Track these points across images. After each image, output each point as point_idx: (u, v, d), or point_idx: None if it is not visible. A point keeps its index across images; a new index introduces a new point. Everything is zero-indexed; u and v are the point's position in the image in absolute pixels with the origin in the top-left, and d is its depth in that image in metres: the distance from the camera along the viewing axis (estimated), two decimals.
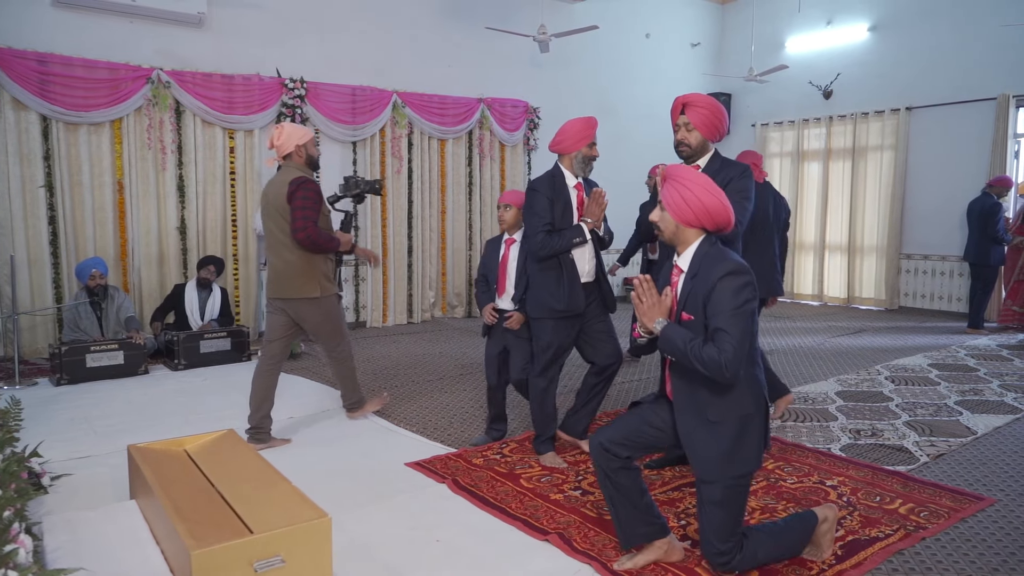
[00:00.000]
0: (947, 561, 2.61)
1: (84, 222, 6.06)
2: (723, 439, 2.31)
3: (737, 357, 2.18)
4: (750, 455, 2.33)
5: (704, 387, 2.32)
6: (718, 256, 2.30)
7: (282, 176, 3.84)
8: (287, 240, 3.77)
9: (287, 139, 3.82)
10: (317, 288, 3.85)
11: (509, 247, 3.78)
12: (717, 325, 2.22)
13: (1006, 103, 7.81)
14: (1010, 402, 4.68)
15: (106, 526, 2.74)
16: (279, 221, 3.79)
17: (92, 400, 4.79)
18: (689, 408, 2.37)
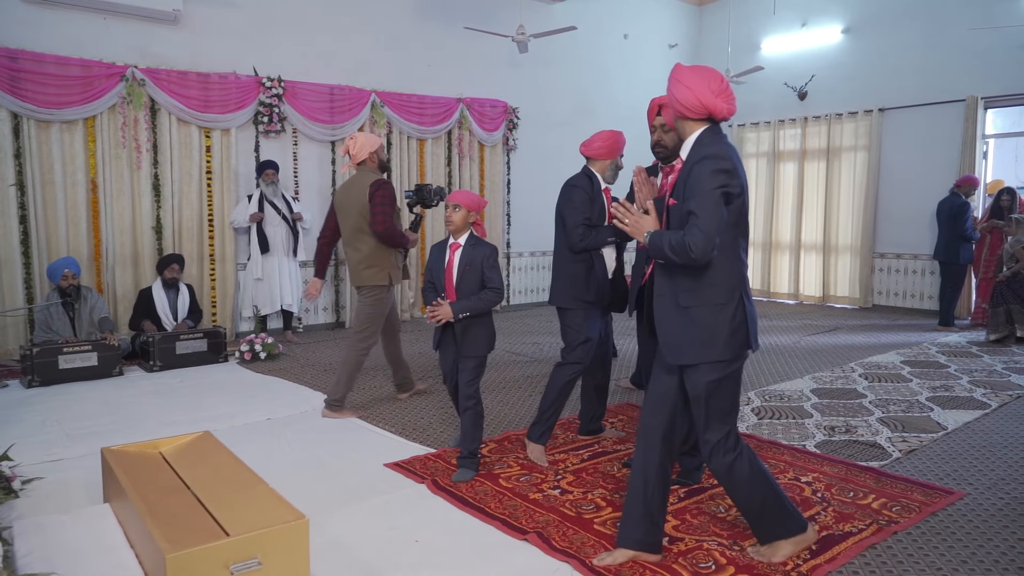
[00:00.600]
0: (918, 555, 2.66)
1: (56, 221, 5.96)
2: (694, 324, 2.40)
3: (705, 237, 2.25)
4: (727, 342, 2.39)
5: (680, 275, 2.42)
6: (705, 142, 2.38)
7: (360, 179, 4.34)
8: (363, 235, 4.30)
9: (361, 148, 4.34)
10: (386, 277, 4.39)
11: (454, 252, 3.44)
12: (689, 208, 2.30)
13: (974, 104, 7.97)
14: (979, 398, 4.78)
15: (79, 530, 2.71)
16: (358, 219, 4.29)
17: (65, 402, 4.72)
18: (666, 294, 2.49)
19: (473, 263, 3.41)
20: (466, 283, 3.42)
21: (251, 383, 5.30)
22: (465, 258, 3.43)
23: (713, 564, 2.57)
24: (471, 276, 3.42)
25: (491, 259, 3.44)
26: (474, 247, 3.45)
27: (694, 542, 2.74)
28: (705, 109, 2.40)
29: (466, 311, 3.36)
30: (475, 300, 3.38)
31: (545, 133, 9.09)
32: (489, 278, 3.42)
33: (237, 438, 3.88)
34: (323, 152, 7.41)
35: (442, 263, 3.48)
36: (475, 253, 3.43)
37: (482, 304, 3.40)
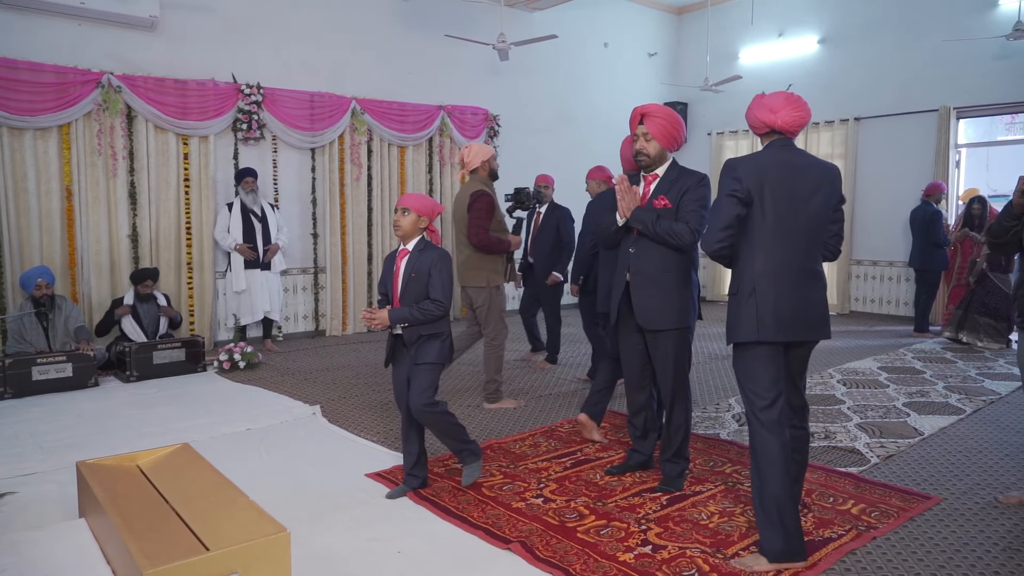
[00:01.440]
0: (896, 560, 2.69)
1: (30, 230, 5.86)
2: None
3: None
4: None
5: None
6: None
7: (467, 188, 4.71)
8: (466, 240, 4.64)
9: (475, 156, 4.67)
10: (484, 279, 4.69)
11: (401, 259, 3.28)
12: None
13: (947, 114, 8.12)
14: (954, 403, 4.86)
15: (54, 546, 2.65)
16: (461, 225, 4.70)
17: (39, 414, 4.63)
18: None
19: (420, 270, 3.22)
20: (410, 292, 3.22)
21: (230, 393, 5.24)
22: (411, 265, 3.25)
23: (696, 571, 2.58)
24: (416, 284, 3.22)
25: (439, 266, 3.21)
26: (422, 253, 3.26)
27: (677, 550, 2.75)
28: (765, 125, 2.70)
29: (403, 321, 3.18)
30: (414, 310, 3.17)
31: (526, 140, 9.12)
32: (432, 287, 3.20)
33: (216, 449, 3.84)
34: (303, 159, 7.36)
35: (391, 270, 3.33)
36: (422, 260, 3.24)
37: (420, 315, 3.16)
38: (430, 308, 3.18)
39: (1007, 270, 6.93)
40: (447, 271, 3.25)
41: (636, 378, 3.47)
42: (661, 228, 3.14)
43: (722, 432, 4.25)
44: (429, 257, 3.23)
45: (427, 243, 3.31)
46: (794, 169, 2.62)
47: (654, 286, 3.23)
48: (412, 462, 3.34)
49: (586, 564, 2.63)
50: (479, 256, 4.66)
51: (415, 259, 3.25)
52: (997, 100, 7.87)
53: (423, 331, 3.23)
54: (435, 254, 3.24)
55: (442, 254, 3.26)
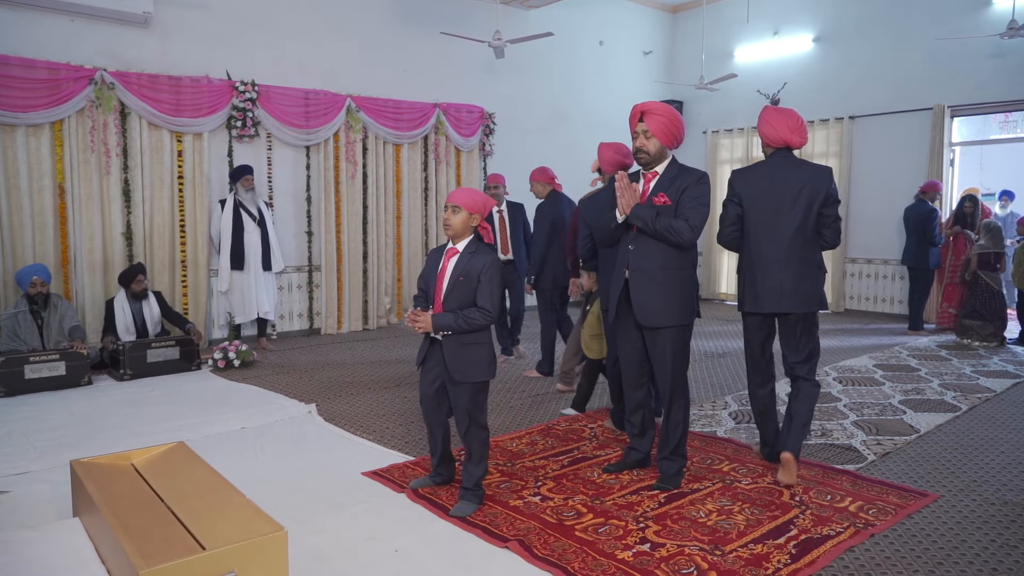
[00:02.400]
0: (895, 557, 2.69)
1: (22, 227, 5.81)
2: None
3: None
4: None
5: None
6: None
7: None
8: None
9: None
10: None
11: (449, 259, 3.08)
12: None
13: (941, 113, 8.15)
14: (950, 400, 4.87)
15: (48, 546, 2.62)
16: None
17: (31, 413, 4.59)
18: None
19: (469, 274, 2.99)
20: (456, 296, 3.01)
21: (225, 391, 5.21)
22: (460, 267, 3.02)
23: (695, 569, 2.58)
24: (463, 289, 3.00)
25: (489, 272, 2.99)
26: (473, 255, 3.02)
27: (675, 547, 2.74)
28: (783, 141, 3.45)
29: (448, 329, 2.98)
30: (459, 318, 2.96)
31: (521, 139, 9.10)
32: (481, 295, 2.98)
33: (211, 448, 3.81)
34: (298, 157, 7.33)
35: (436, 269, 3.10)
36: (472, 263, 3.01)
37: (466, 324, 2.96)
38: (476, 317, 2.96)
39: (996, 268, 6.95)
40: (497, 278, 3.02)
41: (634, 375, 3.47)
42: (661, 225, 3.14)
43: (719, 430, 4.25)
44: (480, 261, 3.00)
45: (479, 244, 3.08)
46: (779, 179, 3.38)
47: (653, 283, 3.24)
48: (438, 459, 3.31)
49: (584, 562, 2.62)
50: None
51: (465, 261, 3.02)
52: (991, 99, 7.90)
53: (465, 339, 3.01)
54: (487, 259, 3.01)
55: (493, 260, 3.04)
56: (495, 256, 3.07)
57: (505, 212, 6.17)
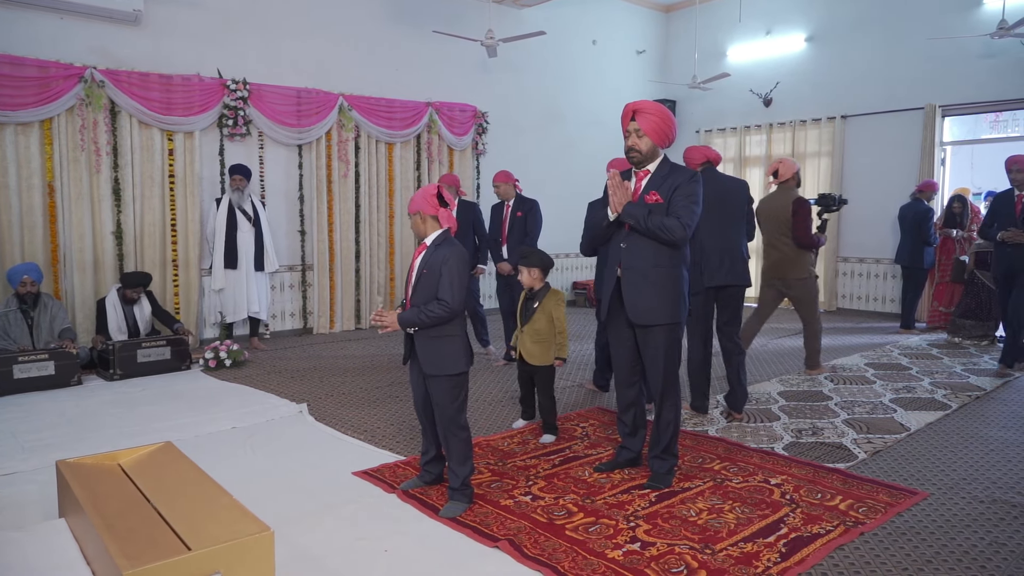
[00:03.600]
0: (884, 555, 2.69)
1: (11, 226, 5.77)
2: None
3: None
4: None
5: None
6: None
7: (782, 196, 5.39)
8: (786, 239, 5.36)
9: (787, 170, 5.37)
10: (805, 272, 5.40)
11: (417, 256, 3.14)
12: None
13: (933, 113, 8.17)
14: (940, 399, 4.88)
15: (33, 547, 2.60)
16: (780, 226, 5.37)
17: (19, 413, 4.56)
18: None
19: (432, 267, 3.00)
20: (421, 290, 3.01)
21: (216, 391, 5.18)
22: (425, 261, 3.05)
23: (685, 568, 2.57)
24: (427, 282, 2.99)
25: (449, 263, 2.97)
26: (438, 248, 3.04)
27: (666, 546, 2.74)
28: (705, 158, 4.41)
29: (412, 325, 2.99)
30: (421, 313, 2.96)
31: (514, 138, 9.09)
32: (441, 287, 2.96)
33: (201, 448, 3.80)
34: (290, 155, 7.30)
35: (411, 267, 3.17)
36: (435, 256, 3.02)
37: (427, 318, 2.95)
38: (435, 310, 2.95)
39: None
40: (457, 269, 2.99)
41: (626, 374, 3.46)
42: (652, 223, 3.14)
43: (710, 429, 4.25)
44: (443, 253, 3.00)
45: (446, 237, 3.08)
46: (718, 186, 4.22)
47: (645, 281, 3.24)
48: (428, 458, 3.31)
49: (574, 561, 2.62)
50: (796, 251, 5.35)
51: (430, 255, 3.05)
52: (982, 98, 7.93)
53: (433, 332, 3.02)
54: (448, 251, 3.00)
55: (456, 252, 3.01)
56: (459, 248, 3.06)
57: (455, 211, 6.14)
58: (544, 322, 4.05)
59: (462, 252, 3.06)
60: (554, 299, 4.09)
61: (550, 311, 4.06)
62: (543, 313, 4.06)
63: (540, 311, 4.06)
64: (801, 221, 5.27)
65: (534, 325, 4.06)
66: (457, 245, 3.08)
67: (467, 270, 3.09)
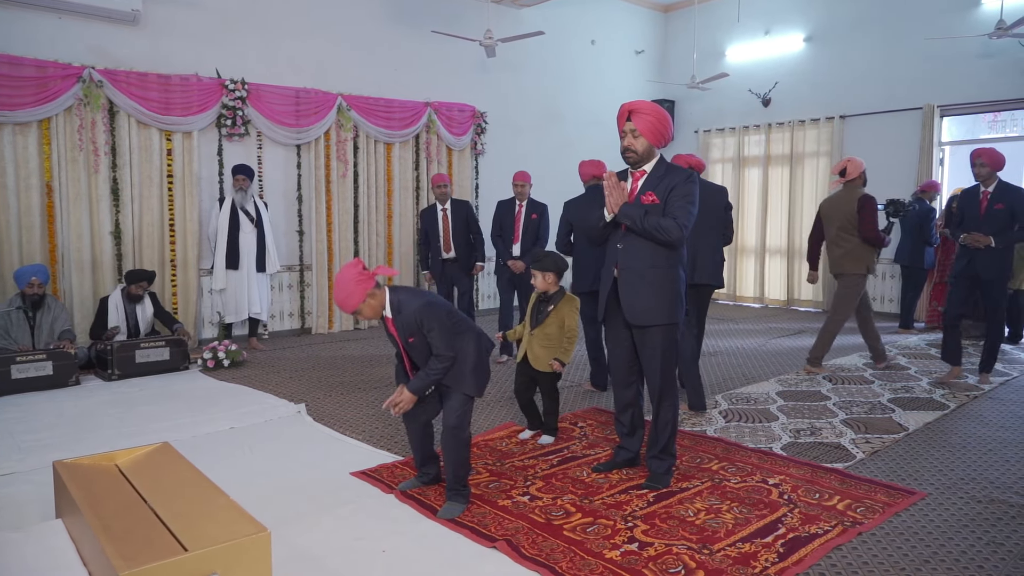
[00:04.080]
0: (882, 555, 2.69)
1: (8, 226, 5.77)
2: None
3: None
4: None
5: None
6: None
7: (848, 194, 5.48)
8: (850, 236, 5.45)
9: (855, 168, 5.49)
10: (862, 268, 5.48)
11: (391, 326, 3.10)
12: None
13: (931, 113, 8.17)
14: (938, 399, 4.88)
15: (29, 548, 2.60)
16: (845, 224, 5.46)
17: (17, 414, 4.55)
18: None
19: (411, 330, 2.98)
20: (419, 353, 3.04)
21: (214, 392, 5.18)
22: (403, 330, 3.00)
23: (683, 568, 2.57)
24: (419, 344, 3.01)
25: (426, 322, 2.93)
26: (400, 313, 2.97)
27: (664, 547, 2.73)
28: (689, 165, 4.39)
29: (427, 389, 3.04)
30: (428, 376, 2.99)
31: (513, 138, 9.09)
32: (432, 343, 2.96)
33: (198, 449, 3.79)
34: (288, 156, 7.30)
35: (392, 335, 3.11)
36: (406, 320, 2.96)
37: (436, 376, 2.99)
38: (437, 367, 2.97)
39: None
40: (435, 319, 2.95)
41: (623, 374, 3.46)
42: (649, 224, 3.14)
43: (709, 429, 4.25)
44: (409, 314, 2.95)
45: (399, 300, 2.98)
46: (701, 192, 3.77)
47: (642, 282, 3.24)
48: (420, 461, 3.33)
49: (572, 562, 2.62)
50: (862, 247, 5.43)
51: (401, 322, 2.99)
52: (980, 98, 7.93)
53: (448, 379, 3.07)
54: (413, 308, 2.94)
55: (420, 306, 2.95)
56: (420, 303, 2.96)
57: (449, 210, 6.32)
58: (556, 327, 3.94)
59: (423, 302, 2.97)
60: (569, 305, 3.97)
61: (563, 317, 3.94)
62: (556, 318, 3.94)
63: (554, 316, 3.94)
64: (868, 217, 5.37)
65: (545, 329, 3.94)
66: (415, 298, 2.99)
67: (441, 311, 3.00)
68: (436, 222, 6.31)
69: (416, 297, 3.01)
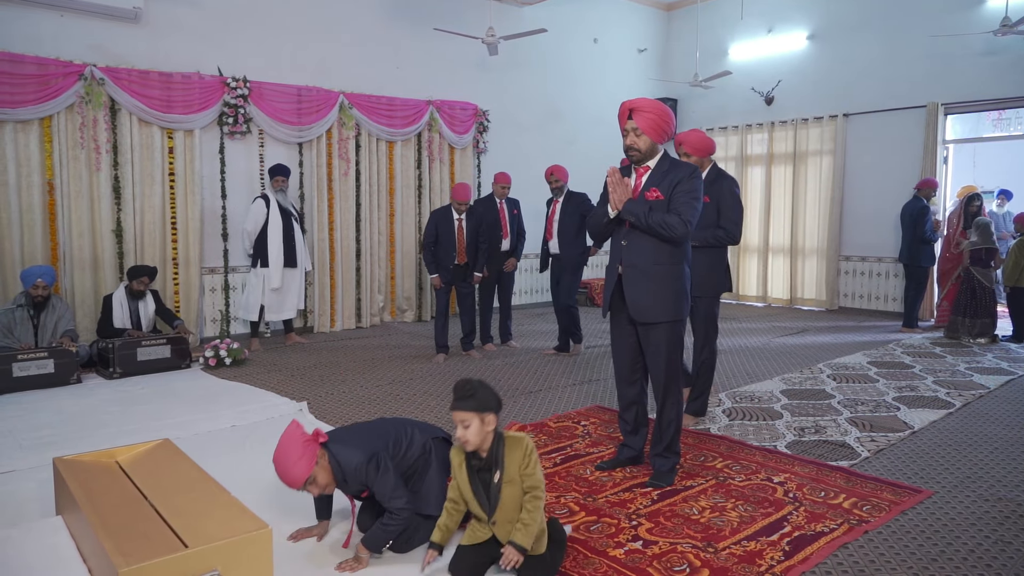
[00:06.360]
0: (889, 553, 2.66)
1: (10, 224, 5.75)
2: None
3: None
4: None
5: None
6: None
7: None
8: None
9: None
10: None
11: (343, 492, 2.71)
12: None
13: (935, 110, 8.14)
14: (943, 397, 4.85)
15: (29, 544, 2.58)
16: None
17: (18, 411, 4.54)
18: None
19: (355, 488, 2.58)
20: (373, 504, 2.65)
21: (216, 390, 5.16)
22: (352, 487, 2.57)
23: (687, 567, 2.55)
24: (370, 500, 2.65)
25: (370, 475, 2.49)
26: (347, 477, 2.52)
27: (668, 545, 2.71)
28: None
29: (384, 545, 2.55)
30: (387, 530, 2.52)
31: (515, 136, 9.07)
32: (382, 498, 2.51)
33: (200, 446, 3.77)
34: (290, 154, 7.28)
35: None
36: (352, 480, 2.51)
37: (392, 531, 2.51)
38: (394, 521, 2.52)
39: (988, 265, 6.95)
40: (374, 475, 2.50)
41: (627, 372, 3.44)
42: (653, 220, 3.12)
43: (712, 427, 4.23)
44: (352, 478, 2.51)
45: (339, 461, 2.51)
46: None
47: (646, 278, 3.22)
48: None
49: (576, 560, 2.59)
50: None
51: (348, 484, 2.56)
52: (985, 96, 7.90)
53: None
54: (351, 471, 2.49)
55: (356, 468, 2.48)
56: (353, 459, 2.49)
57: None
58: (518, 496, 2.43)
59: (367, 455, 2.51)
60: (519, 453, 2.44)
61: (518, 477, 2.43)
62: (513, 487, 2.42)
63: (508, 486, 2.42)
64: None
65: (507, 512, 2.43)
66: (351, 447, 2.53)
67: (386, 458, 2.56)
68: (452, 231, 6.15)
69: (353, 449, 2.52)
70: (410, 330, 7.67)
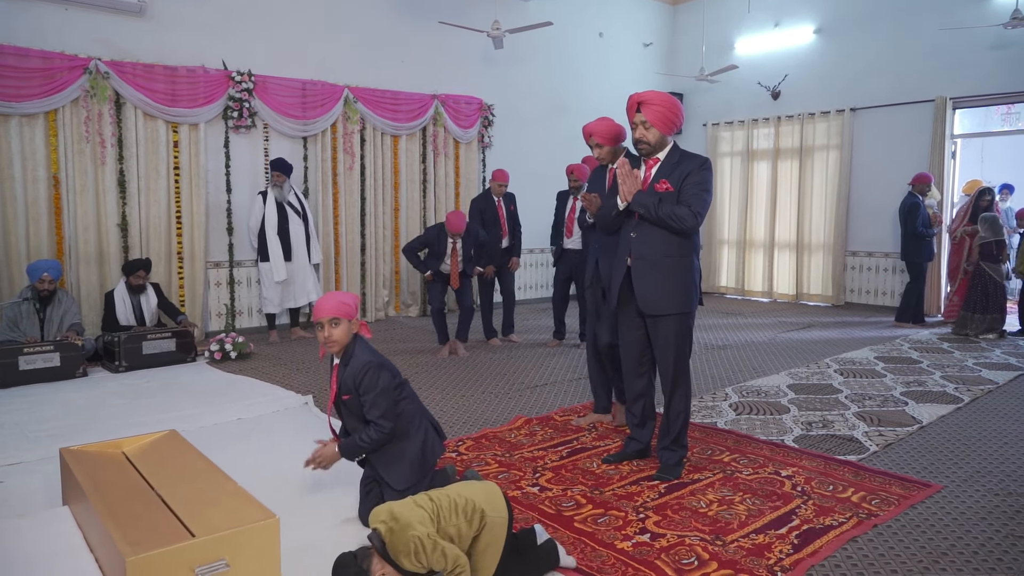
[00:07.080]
0: (899, 547, 2.64)
1: (15, 218, 5.75)
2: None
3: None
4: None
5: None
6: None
7: None
8: None
9: None
10: None
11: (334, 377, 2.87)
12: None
13: (943, 105, 8.08)
14: (952, 392, 4.82)
15: (36, 534, 2.58)
16: None
17: (25, 404, 4.54)
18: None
19: (349, 389, 2.73)
20: (349, 416, 2.78)
21: (221, 383, 5.16)
22: (342, 384, 2.74)
23: (695, 559, 2.53)
24: (352, 406, 2.75)
25: (364, 383, 2.66)
26: (347, 366, 2.72)
27: (676, 538, 2.70)
28: None
29: (357, 455, 2.73)
30: (361, 441, 2.70)
31: (520, 130, 9.04)
32: (366, 409, 2.67)
33: (206, 438, 3.77)
34: (295, 148, 7.26)
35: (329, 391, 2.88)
36: (347, 375, 2.71)
37: (368, 445, 2.68)
38: (371, 435, 2.68)
39: (999, 260, 6.91)
40: (374, 382, 2.67)
41: (635, 364, 3.42)
42: (663, 212, 3.10)
43: (719, 421, 4.21)
44: (355, 366, 2.70)
45: (354, 350, 2.74)
46: None
47: (655, 271, 3.20)
48: None
49: (583, 553, 2.58)
50: None
51: (344, 374, 2.74)
52: (993, 90, 7.84)
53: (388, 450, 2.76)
54: (357, 366, 2.69)
55: (365, 365, 2.68)
56: (367, 360, 2.71)
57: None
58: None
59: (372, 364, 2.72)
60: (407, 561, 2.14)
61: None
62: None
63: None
64: None
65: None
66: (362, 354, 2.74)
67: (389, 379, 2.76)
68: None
69: (371, 354, 2.74)
70: (415, 324, 7.66)
